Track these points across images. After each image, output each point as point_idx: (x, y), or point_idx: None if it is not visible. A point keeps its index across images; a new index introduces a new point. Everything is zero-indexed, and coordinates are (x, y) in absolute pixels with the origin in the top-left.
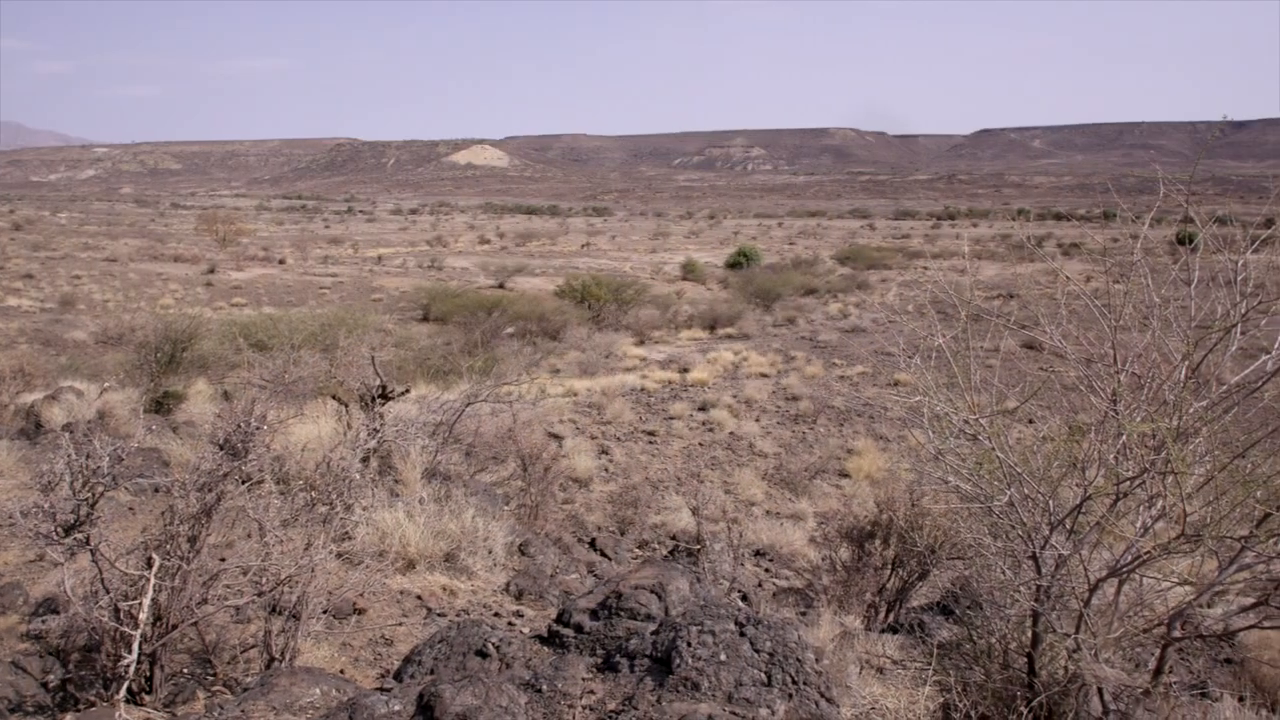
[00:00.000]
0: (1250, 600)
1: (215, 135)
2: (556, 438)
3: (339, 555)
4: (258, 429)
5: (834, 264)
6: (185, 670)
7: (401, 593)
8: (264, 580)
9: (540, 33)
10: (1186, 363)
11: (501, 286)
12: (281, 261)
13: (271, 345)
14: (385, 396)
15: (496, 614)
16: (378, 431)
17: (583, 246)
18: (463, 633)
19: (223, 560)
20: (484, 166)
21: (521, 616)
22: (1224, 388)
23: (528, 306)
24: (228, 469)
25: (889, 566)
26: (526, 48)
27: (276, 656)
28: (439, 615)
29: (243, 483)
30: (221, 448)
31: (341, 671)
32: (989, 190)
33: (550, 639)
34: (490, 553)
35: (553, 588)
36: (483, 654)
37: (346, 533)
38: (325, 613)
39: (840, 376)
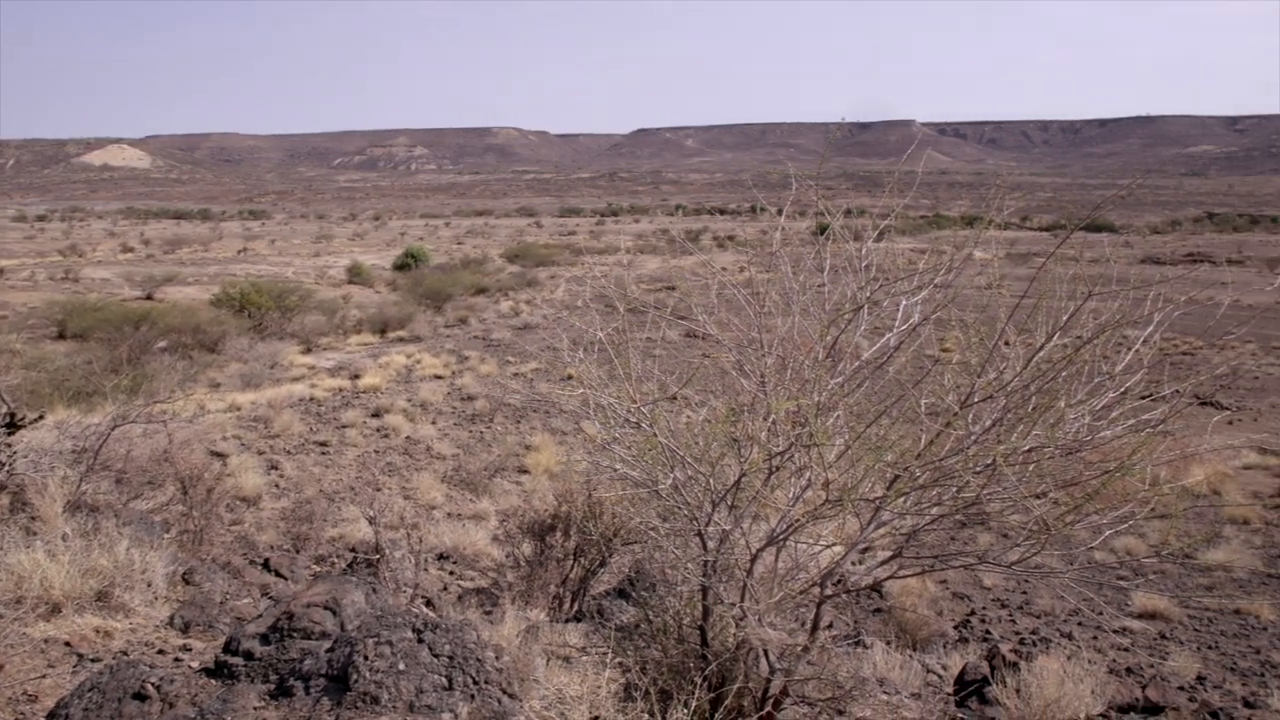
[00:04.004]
0: (889, 554)
1: None
2: (220, 456)
3: None
4: None
5: (503, 262)
6: None
7: (46, 641)
8: None
9: (183, 24)
10: (823, 343)
11: (150, 297)
12: None
13: None
14: (14, 425)
15: (161, 651)
16: (5, 464)
17: (240, 252)
18: (117, 676)
19: None
20: (123, 168)
21: (189, 650)
22: (856, 364)
23: (181, 318)
24: None
25: (571, 557)
26: (167, 40)
27: None
28: (92, 661)
29: None
30: None
31: None
32: (648, 187)
33: (218, 670)
34: (150, 585)
35: (223, 615)
36: (141, 696)
37: None
38: None
39: (515, 374)
